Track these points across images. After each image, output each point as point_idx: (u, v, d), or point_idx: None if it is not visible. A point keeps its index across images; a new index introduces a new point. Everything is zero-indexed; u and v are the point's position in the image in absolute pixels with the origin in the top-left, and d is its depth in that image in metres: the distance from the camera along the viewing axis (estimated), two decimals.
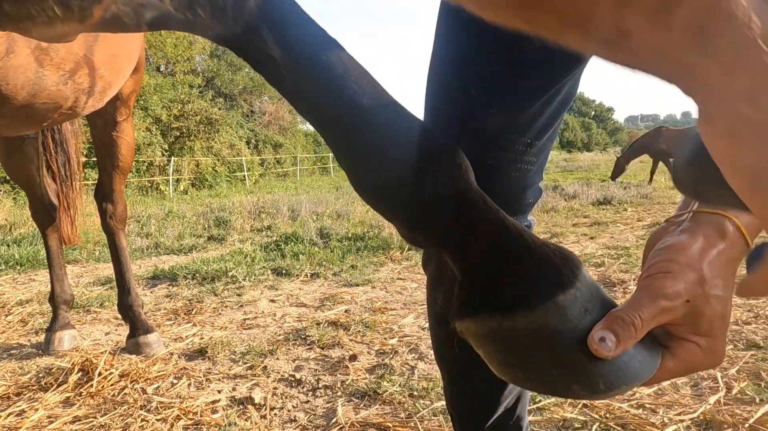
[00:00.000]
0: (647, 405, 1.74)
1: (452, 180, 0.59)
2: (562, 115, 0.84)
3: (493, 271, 0.56)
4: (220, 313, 3.05)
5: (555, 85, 0.76)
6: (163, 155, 17.98)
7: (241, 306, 3.18)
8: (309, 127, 33.00)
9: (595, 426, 1.62)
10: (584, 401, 1.77)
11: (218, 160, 21.07)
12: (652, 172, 12.46)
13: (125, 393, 1.98)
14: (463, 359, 0.87)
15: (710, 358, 0.55)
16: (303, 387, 2.02)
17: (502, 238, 0.57)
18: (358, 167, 0.61)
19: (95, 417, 1.82)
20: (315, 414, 1.82)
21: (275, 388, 2.01)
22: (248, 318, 2.92)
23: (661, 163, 12.42)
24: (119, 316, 2.68)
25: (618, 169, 12.92)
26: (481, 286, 0.56)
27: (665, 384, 1.88)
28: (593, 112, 77.34)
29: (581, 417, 1.67)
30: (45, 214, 2.63)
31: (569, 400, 1.78)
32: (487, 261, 0.57)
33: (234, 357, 2.33)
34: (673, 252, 0.55)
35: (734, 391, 1.81)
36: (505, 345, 0.55)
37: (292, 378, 2.09)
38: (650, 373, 0.53)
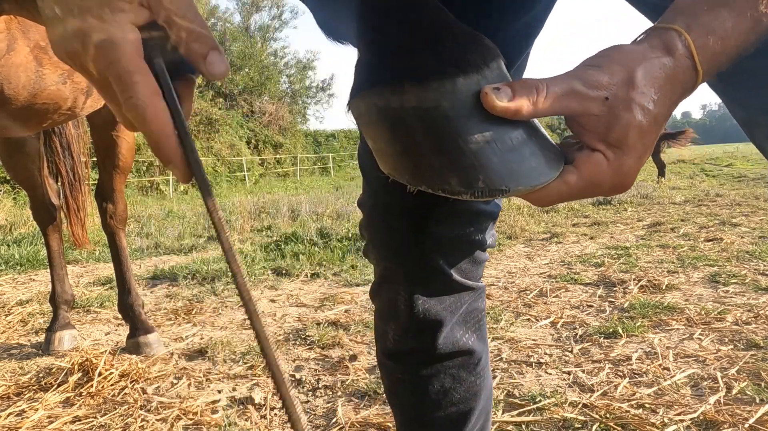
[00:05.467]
0: (647, 405, 1.74)
1: None
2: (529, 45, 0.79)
3: (389, 42, 0.51)
4: (220, 313, 3.05)
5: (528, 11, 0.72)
6: None
7: (241, 306, 3.18)
8: (309, 127, 33.04)
9: (595, 426, 1.61)
10: (584, 401, 1.77)
11: (218, 160, 21.08)
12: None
13: (125, 393, 1.98)
14: (420, 398, 0.83)
15: (616, 177, 0.48)
16: (303, 387, 2.02)
17: (408, 6, 0.51)
18: None
19: (95, 417, 1.82)
20: (315, 414, 1.82)
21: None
22: (248, 318, 2.92)
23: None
24: (119, 316, 2.68)
25: None
26: (375, 60, 0.51)
27: (665, 383, 1.88)
28: None
29: (581, 417, 1.67)
30: (46, 214, 2.62)
31: (569, 401, 1.78)
32: (387, 30, 0.51)
33: (234, 357, 2.33)
34: (612, 50, 0.49)
35: (734, 391, 1.81)
36: (390, 126, 0.50)
37: (293, 378, 2.09)
38: (541, 180, 0.48)
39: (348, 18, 0.55)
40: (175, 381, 2.10)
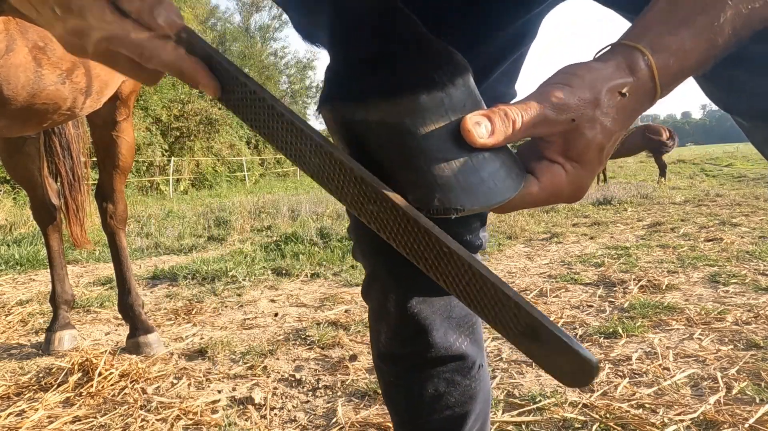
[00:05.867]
0: (647, 405, 1.74)
1: None
2: (510, 57, 0.79)
3: (357, 53, 0.50)
4: (220, 313, 3.05)
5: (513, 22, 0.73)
6: (163, 155, 17.99)
7: (241, 306, 3.18)
8: None
9: (595, 426, 1.61)
10: (584, 401, 1.77)
11: (218, 160, 21.08)
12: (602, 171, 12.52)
13: (125, 393, 1.98)
14: (415, 401, 0.82)
15: (573, 188, 0.51)
16: (303, 387, 2.02)
17: (380, 17, 0.50)
18: None
19: (95, 417, 1.82)
20: (315, 414, 1.82)
21: (275, 388, 2.02)
22: (248, 318, 2.92)
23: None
24: (119, 316, 2.68)
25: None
26: (343, 69, 0.51)
27: (665, 383, 1.88)
28: None
29: (581, 417, 1.67)
30: (46, 214, 2.62)
31: (569, 401, 1.78)
32: (355, 41, 0.51)
33: (234, 357, 2.33)
34: (579, 68, 0.51)
35: (734, 391, 1.81)
36: (354, 138, 0.50)
37: (292, 378, 2.09)
38: (498, 200, 0.49)
39: (322, 24, 0.55)
40: (175, 381, 2.10)
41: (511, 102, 0.49)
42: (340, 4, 0.51)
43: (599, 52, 0.54)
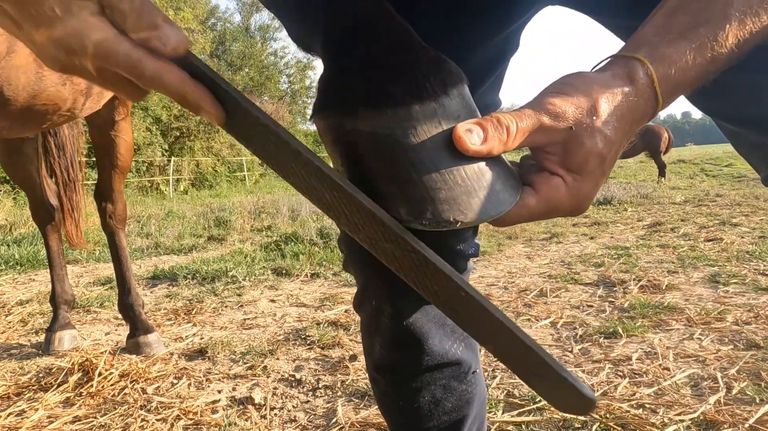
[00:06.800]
0: (647, 405, 1.74)
1: None
2: (499, 67, 0.79)
3: (350, 62, 0.48)
4: (220, 313, 3.05)
5: (501, 32, 0.72)
6: (163, 155, 17.99)
7: (241, 306, 3.18)
8: (309, 127, 33.00)
9: (595, 426, 1.62)
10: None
11: (218, 160, 21.08)
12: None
13: (125, 393, 1.98)
14: (412, 409, 0.82)
15: (574, 200, 0.50)
16: (303, 387, 2.02)
17: (373, 26, 0.48)
18: None
19: (95, 417, 1.82)
20: (315, 414, 1.82)
21: (275, 388, 2.02)
22: (248, 318, 2.92)
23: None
24: (119, 316, 2.68)
25: None
26: (335, 78, 0.49)
27: (665, 383, 1.88)
28: None
29: (581, 417, 1.67)
30: (45, 214, 2.63)
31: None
32: (348, 49, 0.49)
33: (234, 357, 2.33)
34: (575, 77, 0.50)
35: (734, 391, 1.81)
36: (345, 148, 0.48)
37: (292, 378, 2.09)
38: (491, 214, 0.47)
39: (316, 32, 0.54)
40: (175, 381, 2.10)
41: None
42: (330, 11, 0.50)
43: (597, 64, 0.53)
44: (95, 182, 2.60)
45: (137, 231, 6.55)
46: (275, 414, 1.82)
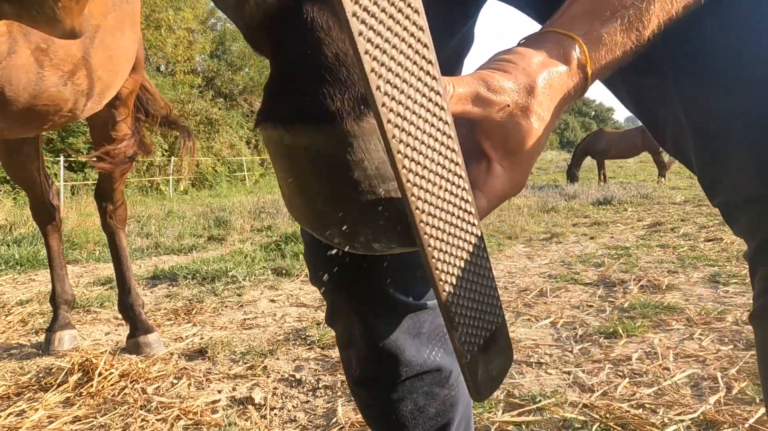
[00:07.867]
0: (647, 405, 1.74)
1: None
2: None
3: (291, 72, 0.45)
4: (220, 313, 3.05)
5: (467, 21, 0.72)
6: (163, 155, 17.97)
7: (241, 306, 3.18)
8: None
9: (595, 426, 1.62)
10: (584, 401, 1.77)
11: (218, 160, 21.08)
12: (600, 172, 12.98)
13: (125, 393, 1.98)
14: (396, 419, 0.81)
15: (514, 183, 0.50)
16: (303, 387, 2.02)
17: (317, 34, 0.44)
18: None
19: (95, 417, 1.82)
20: (315, 414, 1.82)
21: (275, 388, 2.02)
22: (248, 318, 2.93)
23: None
24: (119, 316, 2.68)
25: (572, 177, 12.95)
26: (276, 88, 0.46)
27: (665, 383, 1.88)
28: (593, 112, 77.36)
29: (581, 417, 1.67)
30: (45, 214, 2.62)
31: (569, 401, 1.78)
32: (290, 57, 0.45)
33: (234, 357, 2.33)
34: (514, 54, 0.49)
35: (734, 391, 1.81)
36: (285, 163, 0.45)
37: (292, 378, 2.09)
38: None
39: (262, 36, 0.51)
40: (175, 381, 2.10)
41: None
42: (234, 14, 0.47)
43: (526, 37, 0.52)
44: (95, 182, 2.60)
45: (137, 231, 6.55)
46: (275, 414, 1.83)
